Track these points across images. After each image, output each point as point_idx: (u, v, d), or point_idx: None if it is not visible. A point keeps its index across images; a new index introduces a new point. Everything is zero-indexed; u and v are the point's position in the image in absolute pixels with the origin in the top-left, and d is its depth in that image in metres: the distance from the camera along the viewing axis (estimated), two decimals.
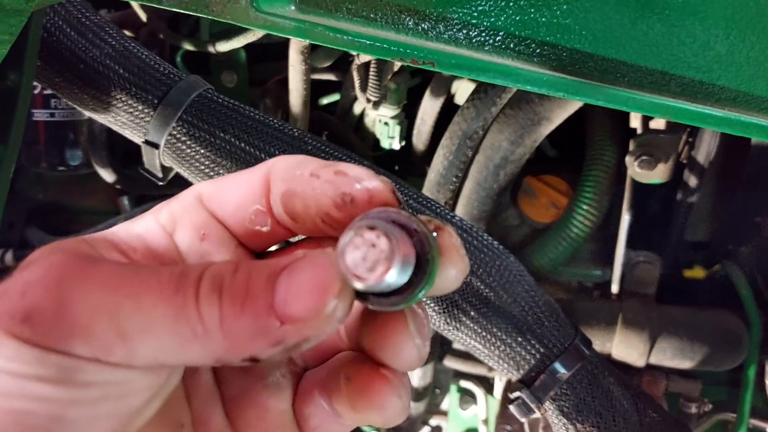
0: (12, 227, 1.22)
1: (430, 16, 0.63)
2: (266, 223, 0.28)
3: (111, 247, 0.27)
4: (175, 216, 0.28)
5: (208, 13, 0.66)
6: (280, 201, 0.27)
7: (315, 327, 0.23)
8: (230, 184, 0.28)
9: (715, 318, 0.96)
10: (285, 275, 0.23)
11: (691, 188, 0.98)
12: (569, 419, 0.77)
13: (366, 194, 0.25)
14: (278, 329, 0.23)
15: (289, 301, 0.23)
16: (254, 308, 0.23)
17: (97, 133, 1.09)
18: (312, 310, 0.23)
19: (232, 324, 0.23)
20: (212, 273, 0.24)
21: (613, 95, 0.64)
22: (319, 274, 0.23)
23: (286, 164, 0.27)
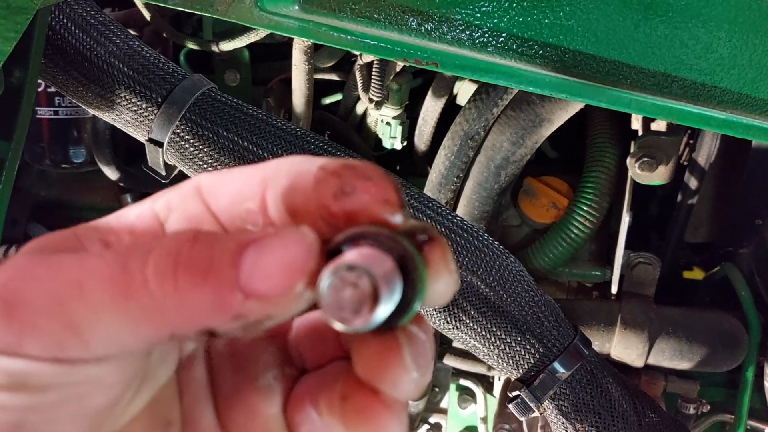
0: (15, 224, 1.22)
1: (434, 17, 0.63)
2: (257, 222, 0.26)
3: (96, 237, 0.26)
4: (172, 205, 0.27)
5: (213, 12, 0.67)
6: (281, 196, 0.25)
7: (281, 306, 0.22)
8: (229, 178, 0.27)
9: (713, 319, 0.96)
10: (253, 248, 0.22)
11: (692, 190, 0.99)
12: (568, 419, 0.78)
13: (367, 189, 0.24)
14: (241, 303, 0.22)
15: (256, 277, 0.22)
16: (217, 280, 0.22)
17: (100, 130, 1.10)
18: (280, 288, 0.22)
19: (190, 295, 0.22)
20: (166, 244, 0.23)
21: (616, 97, 0.64)
22: (290, 251, 0.22)
23: (292, 161, 0.26)
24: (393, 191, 0.24)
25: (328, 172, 0.25)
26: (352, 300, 0.22)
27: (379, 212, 0.24)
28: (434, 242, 0.24)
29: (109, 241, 0.26)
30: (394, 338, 0.25)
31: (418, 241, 0.24)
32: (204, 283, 0.22)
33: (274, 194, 0.26)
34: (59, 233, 0.26)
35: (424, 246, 0.24)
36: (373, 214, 0.24)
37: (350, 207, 0.24)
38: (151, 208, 0.27)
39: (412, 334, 0.25)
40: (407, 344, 0.25)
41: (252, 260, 0.22)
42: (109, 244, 0.26)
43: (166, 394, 0.28)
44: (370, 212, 0.24)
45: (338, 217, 0.24)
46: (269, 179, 0.26)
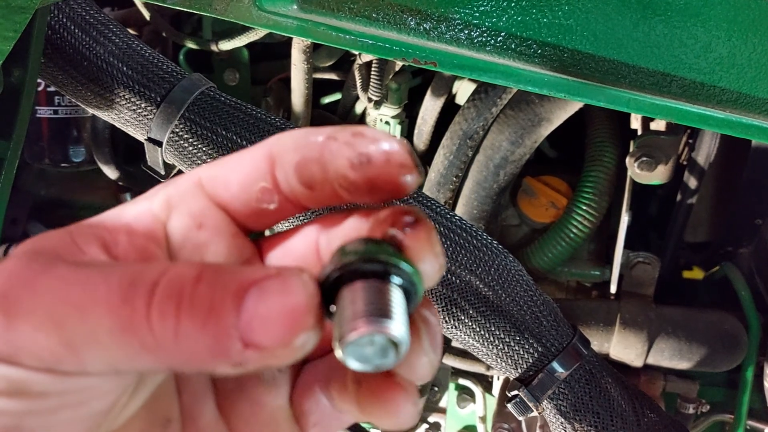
0: (15, 223, 1.23)
1: (432, 17, 0.63)
2: (273, 200, 0.26)
3: (93, 238, 0.26)
4: (172, 203, 0.27)
5: (212, 12, 0.67)
6: (294, 171, 0.25)
7: (279, 357, 0.22)
8: (232, 165, 0.27)
9: (713, 319, 0.96)
10: (254, 293, 0.22)
11: (691, 190, 0.99)
12: (567, 418, 0.78)
13: (383, 155, 0.24)
14: (240, 352, 0.21)
15: (255, 327, 0.21)
16: (216, 327, 0.21)
17: (100, 130, 1.10)
18: (279, 341, 0.21)
19: (190, 339, 0.21)
20: (170, 280, 0.22)
21: (615, 96, 0.64)
22: (290, 301, 0.21)
23: (295, 135, 0.26)
24: (407, 154, 0.25)
25: (340, 142, 0.25)
26: (376, 354, 0.22)
27: (398, 176, 0.25)
28: (419, 225, 0.24)
29: (107, 243, 0.26)
30: (414, 325, 0.25)
31: (404, 223, 0.25)
32: (204, 329, 0.21)
33: (284, 170, 0.26)
34: (55, 233, 0.26)
35: (409, 229, 0.24)
36: (392, 179, 0.25)
37: (370, 174, 0.24)
38: (149, 208, 0.27)
39: (426, 319, 0.26)
40: (425, 328, 0.25)
41: (253, 306, 0.21)
42: (107, 246, 0.26)
43: (165, 391, 0.28)
44: (389, 177, 0.25)
45: (359, 185, 0.25)
46: (275, 155, 0.26)
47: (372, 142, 0.25)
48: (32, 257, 0.24)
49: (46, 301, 0.22)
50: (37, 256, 0.24)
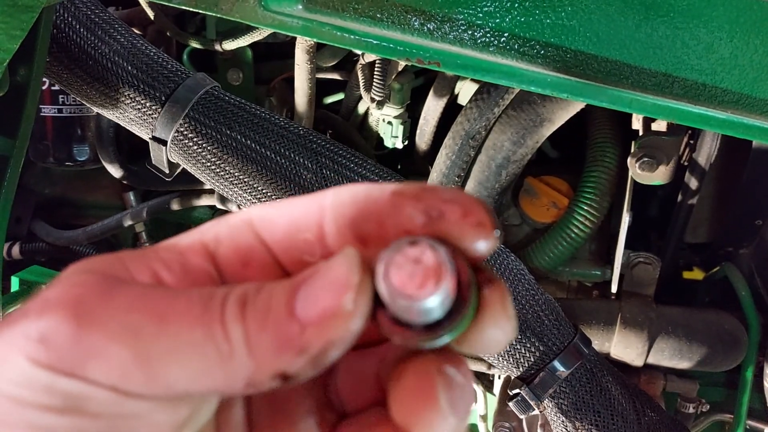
0: (19, 221, 1.23)
1: (436, 17, 0.64)
2: (314, 253, 0.26)
3: (145, 267, 0.25)
4: (221, 238, 0.27)
5: (217, 12, 0.67)
6: (349, 225, 0.24)
7: (336, 327, 0.22)
8: (284, 210, 0.26)
9: (713, 319, 0.97)
10: (305, 284, 0.23)
11: (692, 190, 0.99)
12: (567, 417, 0.78)
13: (458, 210, 0.22)
14: (300, 336, 0.22)
15: (307, 306, 0.22)
16: (275, 319, 0.22)
17: (104, 128, 1.10)
18: (329, 309, 0.22)
19: (256, 339, 0.22)
20: (237, 292, 0.23)
21: (617, 97, 0.65)
22: (334, 272, 0.22)
23: (354, 189, 0.25)
24: (484, 212, 0.23)
25: (406, 197, 0.23)
26: (417, 274, 0.21)
27: (473, 236, 0.22)
28: (495, 283, 0.23)
29: (158, 272, 0.25)
30: (431, 380, 0.23)
31: (480, 278, 0.23)
32: (265, 324, 0.22)
33: (334, 223, 0.25)
34: (105, 258, 0.25)
35: (485, 286, 0.23)
36: (467, 237, 0.22)
37: (440, 230, 0.23)
38: (200, 240, 0.26)
39: (448, 377, 0.24)
40: (443, 387, 0.23)
41: (304, 294, 0.22)
42: (158, 274, 0.25)
43: None
44: (463, 235, 0.22)
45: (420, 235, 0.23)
46: (327, 208, 0.25)
47: (443, 198, 0.23)
48: (96, 275, 0.23)
49: (124, 311, 0.22)
50: (101, 273, 0.24)
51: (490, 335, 0.23)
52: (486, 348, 0.24)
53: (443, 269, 0.21)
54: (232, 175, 0.79)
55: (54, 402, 0.22)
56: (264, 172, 0.78)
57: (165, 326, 0.22)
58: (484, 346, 0.23)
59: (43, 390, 0.22)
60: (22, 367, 0.22)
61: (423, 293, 0.21)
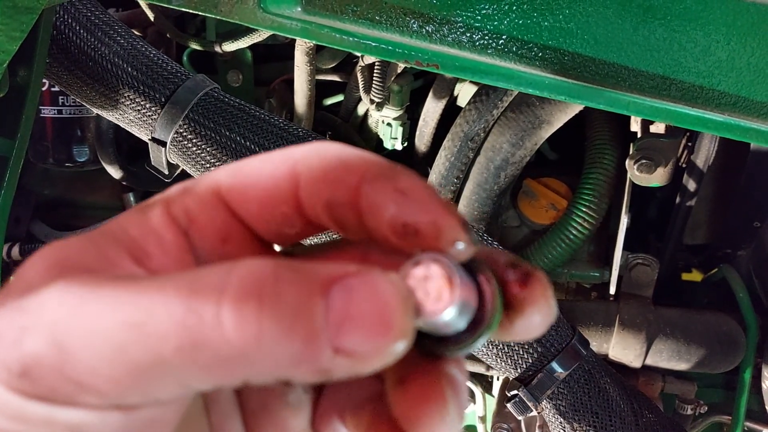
0: (18, 222, 1.23)
1: (435, 20, 0.64)
2: (294, 224, 0.24)
3: (123, 251, 0.23)
4: (191, 214, 0.24)
5: (217, 13, 0.67)
6: (324, 210, 0.23)
7: (372, 365, 0.19)
8: (252, 178, 0.24)
9: (711, 321, 0.97)
10: (338, 292, 0.19)
11: (690, 192, 0.99)
12: (566, 418, 0.78)
13: (433, 230, 0.21)
14: (330, 359, 0.19)
15: (348, 331, 0.19)
16: (305, 330, 0.19)
17: (104, 130, 1.11)
18: (375, 349, 0.19)
19: (275, 344, 0.19)
20: (242, 279, 0.19)
21: (614, 99, 0.65)
22: (382, 304, 0.19)
23: (322, 160, 0.23)
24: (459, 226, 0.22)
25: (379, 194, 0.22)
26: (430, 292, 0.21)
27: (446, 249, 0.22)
28: (533, 276, 0.23)
29: (139, 257, 0.23)
30: (440, 387, 0.22)
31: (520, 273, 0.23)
32: (292, 332, 0.19)
33: (311, 201, 0.23)
34: (76, 243, 0.23)
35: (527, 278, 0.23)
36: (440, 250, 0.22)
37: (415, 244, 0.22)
38: (167, 215, 0.24)
39: (455, 381, 0.23)
40: (452, 395, 0.23)
41: (340, 306, 0.19)
42: (140, 260, 0.23)
43: (194, 410, 0.26)
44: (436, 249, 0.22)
45: (398, 248, 0.22)
46: (300, 179, 0.23)
47: (419, 209, 0.22)
48: (66, 278, 0.21)
49: (103, 327, 0.19)
50: (70, 274, 0.21)
51: (532, 321, 0.23)
52: (529, 332, 0.23)
53: (453, 277, 0.21)
54: None
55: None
56: None
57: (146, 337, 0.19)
58: (527, 331, 0.23)
59: (42, 424, 0.20)
60: (15, 402, 0.20)
61: (441, 305, 0.21)
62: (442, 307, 0.21)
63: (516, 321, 0.23)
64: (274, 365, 0.19)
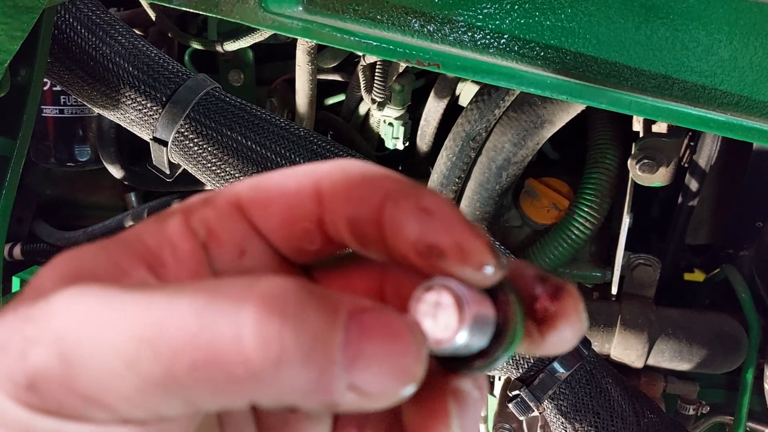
0: (21, 222, 1.23)
1: (436, 19, 0.64)
2: (315, 242, 0.24)
3: (137, 260, 0.23)
4: (210, 226, 0.24)
5: (218, 13, 0.67)
6: (347, 227, 0.23)
7: (381, 404, 0.19)
8: (274, 193, 0.24)
9: (713, 321, 0.97)
10: (354, 328, 0.19)
11: (692, 192, 0.99)
12: (567, 418, 0.78)
13: (459, 252, 0.21)
14: (340, 393, 0.19)
15: (361, 368, 0.19)
16: (323, 360, 0.18)
17: (105, 129, 1.11)
18: (386, 391, 0.19)
19: (291, 370, 0.18)
20: (265, 294, 0.18)
21: (616, 98, 0.65)
22: (401, 350, 0.19)
23: (346, 177, 0.23)
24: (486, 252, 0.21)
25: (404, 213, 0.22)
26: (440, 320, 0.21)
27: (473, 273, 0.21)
28: (564, 290, 0.23)
29: (153, 266, 0.23)
30: (444, 402, 0.22)
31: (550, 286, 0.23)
32: (309, 359, 0.18)
33: (333, 220, 0.23)
34: (90, 252, 0.22)
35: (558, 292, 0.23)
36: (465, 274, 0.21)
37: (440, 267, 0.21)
38: (185, 226, 0.24)
39: (463, 396, 0.23)
40: (457, 410, 0.22)
41: (357, 342, 0.19)
42: (154, 269, 0.23)
43: (208, 425, 0.25)
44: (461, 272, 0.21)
45: (421, 269, 0.22)
46: (324, 196, 0.23)
47: (445, 229, 0.21)
48: (78, 287, 0.20)
49: (113, 339, 0.19)
50: (81, 283, 0.20)
51: (563, 336, 0.23)
52: (560, 347, 0.23)
53: (462, 305, 0.21)
54: (232, 176, 0.80)
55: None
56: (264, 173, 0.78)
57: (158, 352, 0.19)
58: (558, 346, 0.23)
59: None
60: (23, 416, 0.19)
61: (449, 334, 0.21)
62: (450, 336, 0.21)
63: (548, 335, 0.23)
64: (287, 390, 0.18)
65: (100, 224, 1.21)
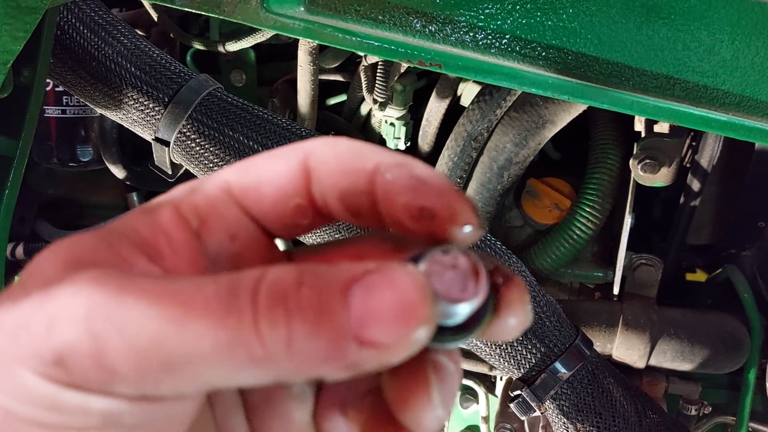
0: (23, 222, 1.24)
1: (438, 19, 0.64)
2: (308, 216, 0.25)
3: (136, 250, 0.23)
4: (201, 213, 0.25)
5: (220, 13, 0.67)
6: (339, 198, 0.24)
7: (398, 354, 0.20)
8: (264, 174, 0.25)
9: (715, 321, 0.96)
10: (359, 290, 0.20)
11: (694, 192, 0.99)
12: (569, 418, 0.78)
13: (449, 212, 0.23)
14: (357, 353, 0.20)
15: (370, 324, 0.20)
16: (331, 328, 0.20)
17: (108, 129, 1.11)
18: (398, 337, 0.20)
19: (303, 345, 0.20)
20: (271, 285, 0.20)
21: (618, 99, 0.65)
22: (402, 294, 0.20)
23: (339, 153, 0.24)
24: (472, 213, 0.23)
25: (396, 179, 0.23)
26: (457, 279, 0.21)
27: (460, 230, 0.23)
28: (512, 281, 0.24)
29: (152, 256, 0.24)
30: (424, 373, 0.24)
31: (499, 276, 0.24)
32: (317, 332, 0.20)
33: (323, 191, 0.24)
34: (87, 241, 0.23)
35: (506, 281, 0.24)
36: (454, 233, 0.23)
37: (431, 228, 0.23)
38: (176, 213, 0.24)
39: (441, 367, 0.24)
40: (436, 380, 0.24)
41: (361, 303, 0.20)
42: (154, 259, 0.24)
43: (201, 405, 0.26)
44: (450, 232, 0.23)
45: (413, 232, 0.23)
46: (313, 170, 0.24)
47: (436, 193, 0.23)
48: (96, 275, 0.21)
49: (138, 319, 0.20)
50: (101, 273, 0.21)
51: (507, 323, 0.24)
52: (504, 335, 0.24)
53: (480, 271, 0.22)
54: None
55: (92, 422, 0.21)
56: None
57: (185, 332, 0.20)
58: (501, 334, 0.24)
59: (79, 413, 0.20)
60: (50, 391, 0.20)
61: (466, 295, 0.22)
62: (468, 297, 0.22)
63: (492, 322, 0.24)
64: (306, 364, 0.20)
65: (102, 224, 1.21)
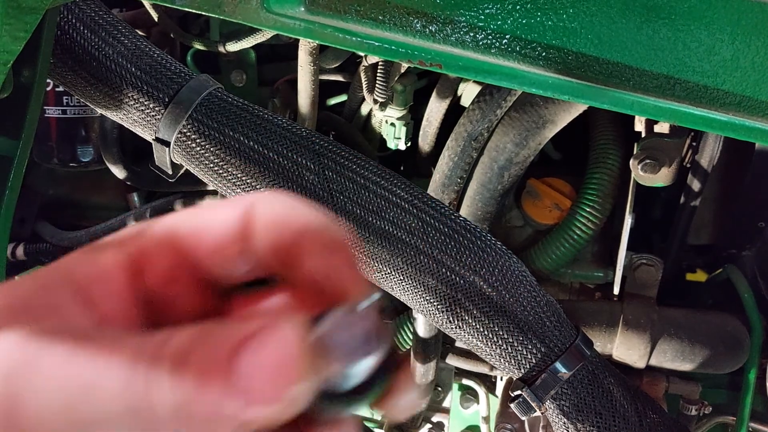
0: (23, 222, 1.24)
1: (438, 19, 0.64)
2: (246, 264, 0.27)
3: (71, 297, 0.25)
4: (144, 256, 0.26)
5: (220, 13, 0.67)
6: (272, 251, 0.26)
7: (280, 410, 0.21)
8: (208, 222, 0.27)
9: (716, 321, 0.96)
10: (250, 347, 0.22)
11: (694, 192, 0.99)
12: (569, 418, 0.78)
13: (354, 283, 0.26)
14: (243, 410, 0.21)
15: (254, 380, 0.21)
16: (219, 389, 0.21)
17: (108, 130, 1.11)
18: (276, 392, 0.21)
19: (197, 405, 0.21)
20: (173, 350, 0.22)
21: (618, 99, 0.65)
22: (284, 352, 0.21)
23: (272, 206, 0.26)
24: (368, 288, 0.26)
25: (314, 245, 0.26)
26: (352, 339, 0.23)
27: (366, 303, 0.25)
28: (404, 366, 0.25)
29: (85, 300, 0.25)
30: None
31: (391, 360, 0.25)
32: (206, 390, 0.21)
33: (259, 240, 0.26)
34: (25, 287, 0.25)
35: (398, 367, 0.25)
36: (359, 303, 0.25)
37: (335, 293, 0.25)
38: (125, 255, 0.26)
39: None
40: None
41: (249, 361, 0.21)
42: (88, 304, 0.25)
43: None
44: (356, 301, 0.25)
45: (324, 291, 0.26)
46: (256, 224, 0.26)
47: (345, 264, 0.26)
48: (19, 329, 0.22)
49: (56, 383, 0.21)
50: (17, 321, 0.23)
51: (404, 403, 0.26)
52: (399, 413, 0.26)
53: (376, 335, 0.23)
54: (234, 176, 0.80)
55: None
56: (266, 174, 0.78)
57: (93, 396, 0.21)
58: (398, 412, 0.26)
59: None
60: None
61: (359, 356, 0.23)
62: (360, 357, 0.23)
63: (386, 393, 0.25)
64: (204, 420, 0.21)
65: (102, 224, 1.21)
